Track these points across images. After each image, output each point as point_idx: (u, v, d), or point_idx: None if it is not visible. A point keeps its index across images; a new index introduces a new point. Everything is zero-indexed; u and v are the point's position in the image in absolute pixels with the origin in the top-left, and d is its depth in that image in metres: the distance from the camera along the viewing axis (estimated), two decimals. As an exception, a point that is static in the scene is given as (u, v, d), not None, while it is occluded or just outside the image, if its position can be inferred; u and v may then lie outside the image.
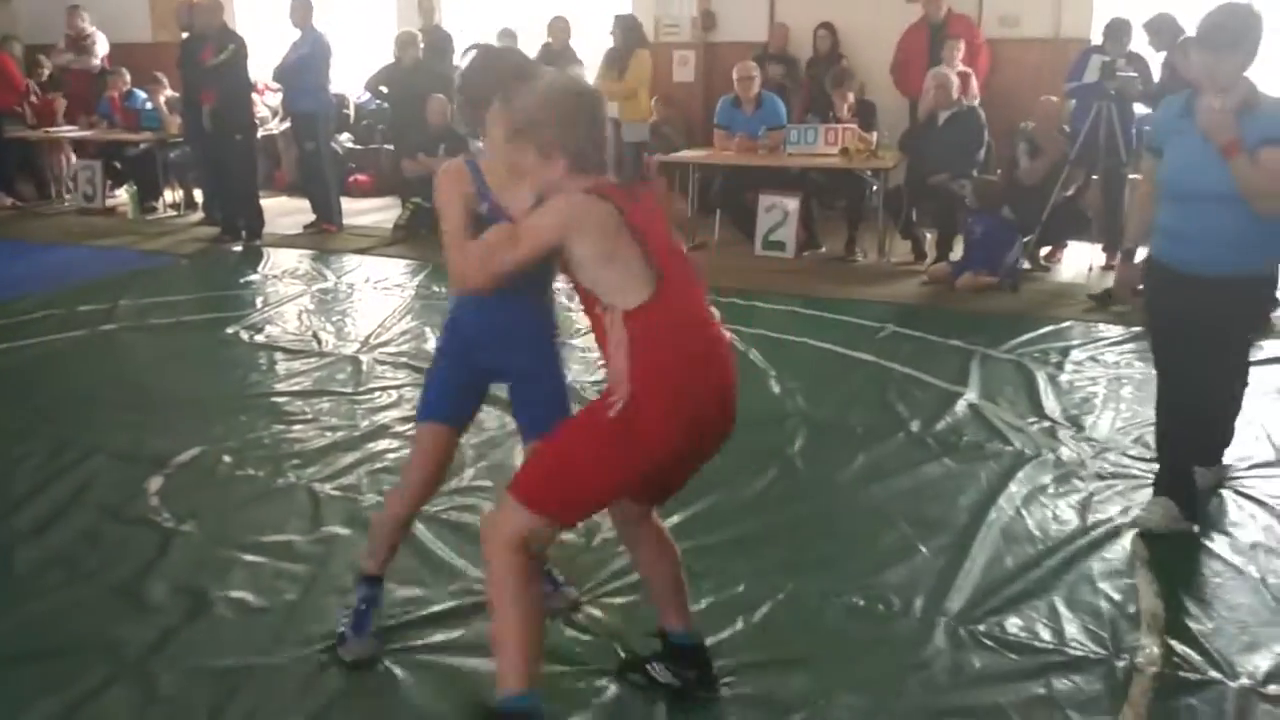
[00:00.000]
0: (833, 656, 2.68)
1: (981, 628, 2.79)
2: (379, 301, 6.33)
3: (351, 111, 10.97)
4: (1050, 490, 3.61)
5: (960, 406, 4.35)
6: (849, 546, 3.26)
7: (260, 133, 9.30)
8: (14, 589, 3.01)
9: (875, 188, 7.28)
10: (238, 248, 7.90)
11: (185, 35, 8.69)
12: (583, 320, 2.95)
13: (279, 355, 5.22)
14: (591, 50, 8.38)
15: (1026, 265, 6.62)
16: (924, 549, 3.21)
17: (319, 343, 5.41)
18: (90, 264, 7.39)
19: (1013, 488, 3.62)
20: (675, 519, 3.38)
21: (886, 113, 8.15)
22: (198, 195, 9.24)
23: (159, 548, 3.23)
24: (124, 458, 3.89)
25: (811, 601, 2.93)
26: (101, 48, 10.46)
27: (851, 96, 7.66)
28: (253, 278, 7.06)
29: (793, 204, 7.35)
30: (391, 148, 9.55)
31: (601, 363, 2.46)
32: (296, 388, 4.72)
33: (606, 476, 2.22)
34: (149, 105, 9.75)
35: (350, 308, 6.22)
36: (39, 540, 3.30)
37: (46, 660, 2.67)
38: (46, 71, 10.66)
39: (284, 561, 3.16)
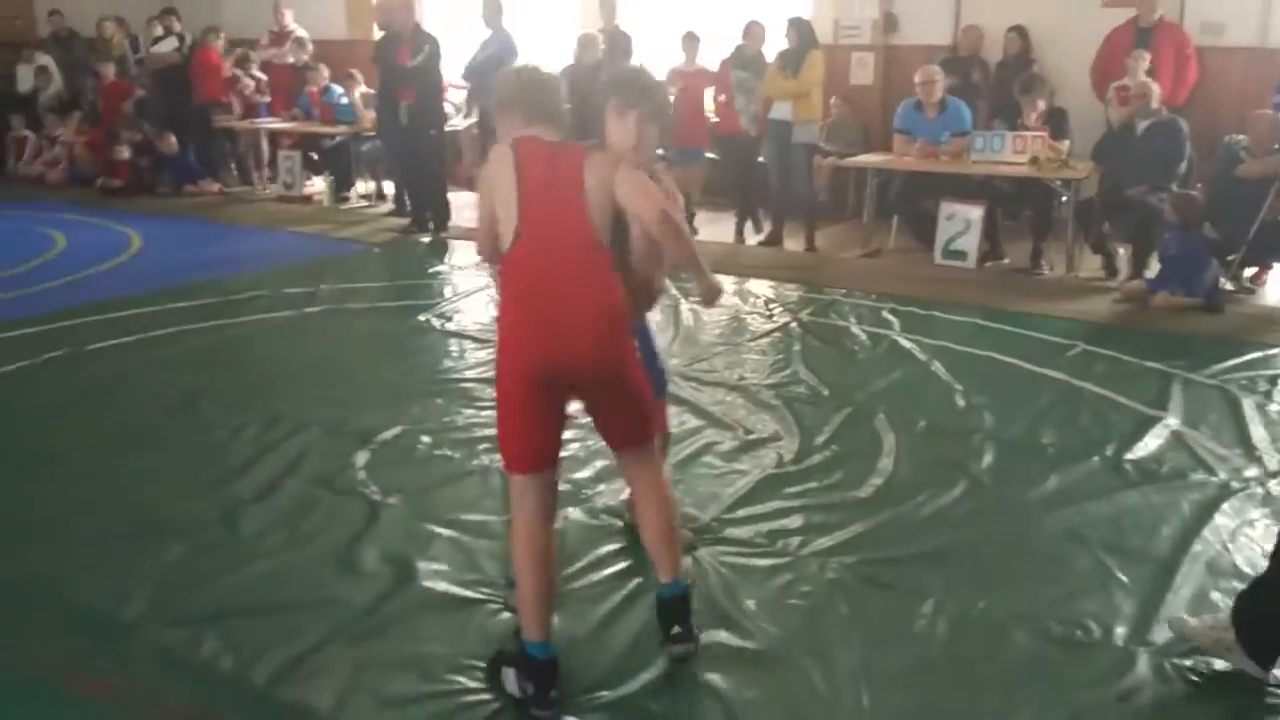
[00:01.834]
0: (1026, 680, 2.63)
1: (1188, 663, 2.68)
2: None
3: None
4: (1259, 525, 3.43)
5: (1160, 432, 4.17)
6: (1042, 569, 3.18)
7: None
8: (242, 549, 3.27)
9: (1065, 198, 7.02)
10: (425, 238, 8.27)
11: (381, 34, 9.14)
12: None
13: (467, 343, 5.45)
14: (769, 50, 8.35)
15: (1229, 286, 6.27)
16: (1123, 577, 3.11)
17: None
18: (292, 248, 7.88)
19: (1218, 520, 3.45)
20: (859, 528, 3.39)
21: (1079, 120, 7.84)
22: (388, 187, 9.72)
23: (368, 518, 3.45)
24: (332, 432, 4.15)
25: (1003, 622, 2.87)
26: (305, 47, 11.06)
27: (1042, 104, 7.40)
28: (440, 268, 7.39)
29: (976, 213, 7.17)
30: (571, 145, 9.78)
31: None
32: (486, 375, 4.91)
33: (502, 420, 2.58)
34: (344, 100, 10.29)
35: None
36: (261, 505, 3.56)
37: (273, 615, 2.89)
38: (254, 65, 11.39)
39: (481, 539, 3.32)
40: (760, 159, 8.04)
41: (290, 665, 2.65)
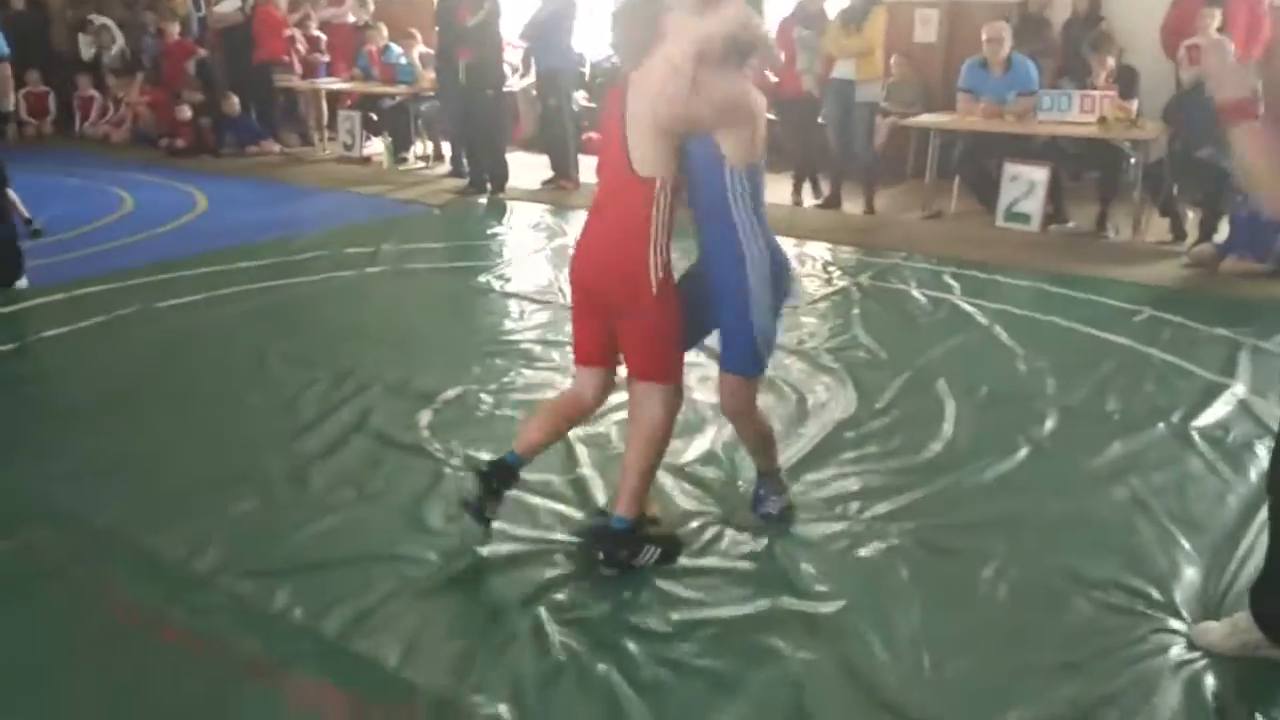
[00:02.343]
0: (1087, 647, 2.62)
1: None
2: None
3: (588, 70, 11.24)
4: (1331, 497, 3.36)
5: (1227, 400, 4.10)
6: (1105, 536, 3.15)
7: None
8: (311, 504, 3.35)
9: (1133, 160, 6.86)
10: (483, 200, 8.33)
11: (442, -7, 9.14)
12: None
13: (526, 304, 5.50)
14: (832, 8, 8.22)
15: (1303, 251, 6.10)
16: (1186, 545, 3.08)
17: (563, 295, 5.66)
18: (352, 209, 7.98)
19: (1287, 490, 3.39)
20: (919, 493, 3.39)
21: (1149, 79, 7.64)
22: (446, 148, 9.77)
23: (433, 476, 3.52)
24: (396, 392, 4.22)
25: (1064, 588, 2.87)
26: (354, 2, 11.09)
27: (1111, 62, 7.21)
28: (498, 229, 7.44)
29: (1040, 174, 7.03)
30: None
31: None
32: (545, 336, 4.96)
33: None
34: (404, 60, 10.34)
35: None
36: (329, 461, 3.64)
37: (343, 568, 2.97)
38: (314, 24, 11.46)
39: (545, 499, 3.37)
40: (820, 120, 7.95)
41: (360, 618, 2.73)
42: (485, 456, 3.55)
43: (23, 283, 5.69)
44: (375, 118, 10.42)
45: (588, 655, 2.59)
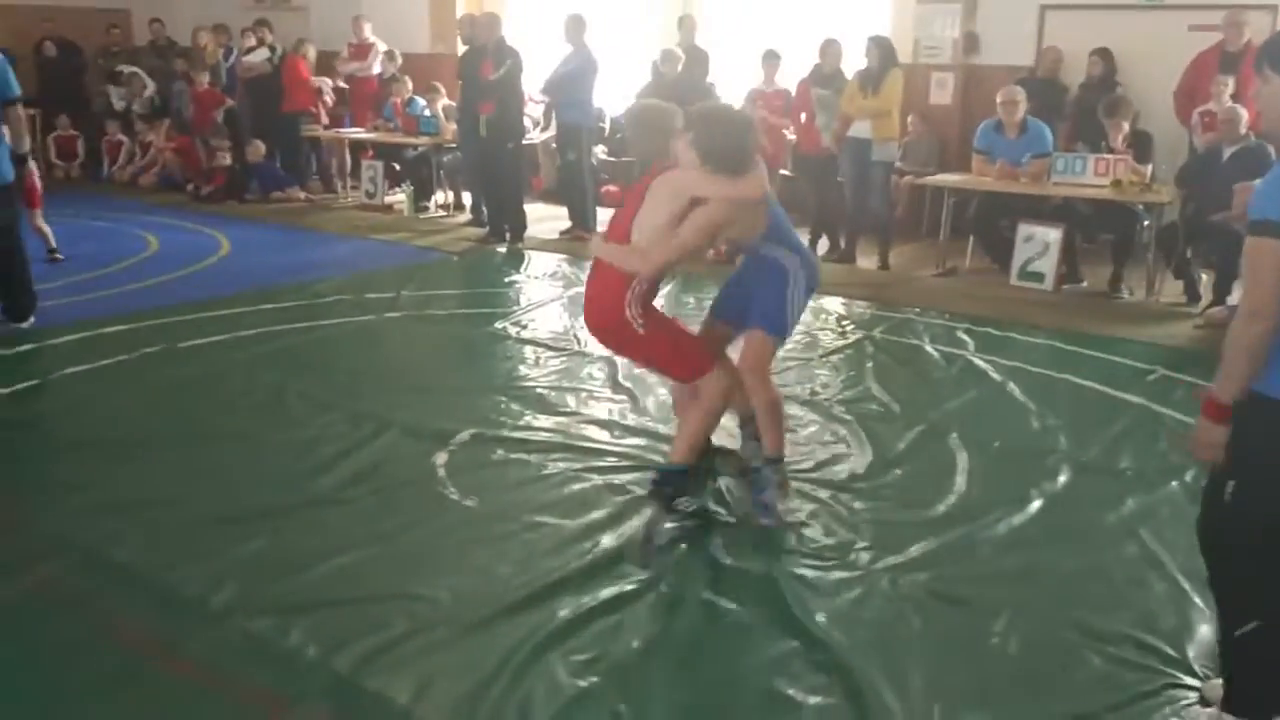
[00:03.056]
0: (1099, 703, 2.61)
1: (1268, 693, 2.64)
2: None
3: (607, 125, 11.44)
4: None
5: (1241, 460, 4.09)
6: (1118, 592, 3.15)
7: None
8: (326, 543, 3.38)
9: (1147, 223, 6.92)
10: (502, 249, 8.43)
11: (465, 48, 9.35)
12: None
13: (542, 351, 5.55)
14: (849, 66, 8.36)
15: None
16: (1199, 603, 3.07)
17: (578, 342, 5.71)
18: (374, 255, 8.09)
19: (1302, 551, 3.38)
20: (931, 545, 3.39)
21: (1162, 144, 7.72)
22: (466, 198, 9.92)
23: (447, 518, 3.54)
24: (413, 434, 4.26)
25: (1077, 643, 2.86)
26: (387, 60, 11.33)
27: (1126, 126, 7.30)
28: (516, 278, 7.52)
29: (1054, 234, 7.09)
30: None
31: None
32: (561, 382, 5.01)
33: None
34: (427, 112, 10.53)
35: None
36: (346, 501, 3.68)
37: (357, 607, 2.99)
38: (340, 78, 11.71)
39: (554, 541, 3.39)
40: (838, 177, 8.06)
41: (372, 656, 2.74)
42: (498, 498, 3.60)
43: (29, 321, 5.76)
44: (398, 167, 10.60)
45: (600, 694, 2.59)
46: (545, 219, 9.34)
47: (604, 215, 9.21)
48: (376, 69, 11.23)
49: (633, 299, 3.35)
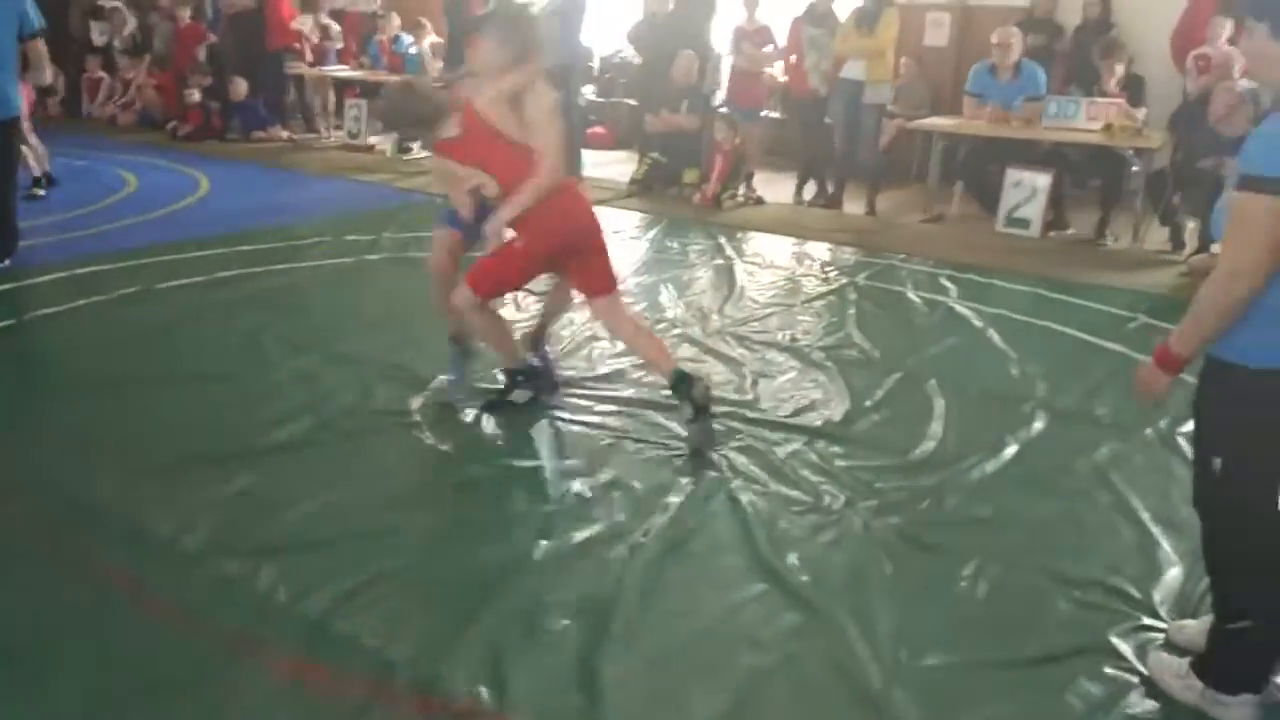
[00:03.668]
0: (1066, 647, 2.63)
1: (1231, 638, 2.66)
2: (615, 253, 6.52)
3: (596, 64, 11.26)
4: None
5: (1218, 407, 4.10)
6: (1088, 538, 3.17)
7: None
8: (299, 485, 3.36)
9: (1136, 169, 6.86)
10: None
11: (452, -17, 9.16)
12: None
13: (522, 294, 5.50)
14: (842, 8, 8.24)
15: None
16: (1169, 549, 3.09)
17: (560, 286, 5.67)
18: (355, 197, 8.01)
19: (1274, 498, 3.39)
20: (905, 490, 3.40)
21: (1157, 89, 7.64)
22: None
23: (421, 460, 3.54)
24: (389, 377, 4.24)
25: (1045, 588, 2.88)
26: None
27: (1120, 69, 7.21)
28: (499, 220, 7.43)
29: (1043, 180, 7.04)
30: (634, 102, 9.77)
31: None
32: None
33: None
34: (414, 49, 10.36)
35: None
36: (319, 443, 3.66)
37: (328, 549, 2.98)
38: (324, 12, 11.48)
39: (526, 487, 3.40)
40: (827, 119, 7.96)
41: (342, 599, 2.73)
42: (472, 442, 3.59)
43: (5, 262, 5.68)
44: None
45: (568, 636, 2.60)
46: (531, 161, 9.20)
47: (588, 157, 9.15)
48: (364, 4, 11.02)
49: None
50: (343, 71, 10.82)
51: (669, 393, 3.74)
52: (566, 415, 3.95)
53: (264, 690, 2.41)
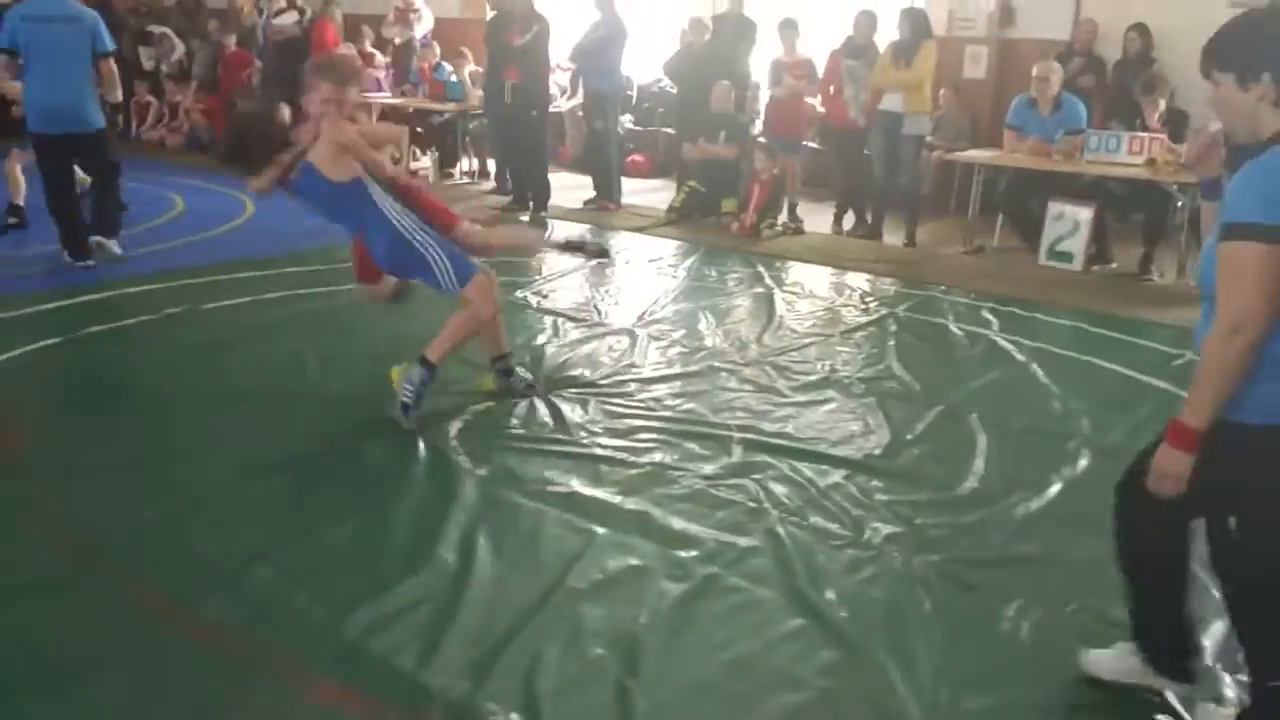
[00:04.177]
0: (1111, 689, 2.58)
1: (1284, 686, 2.60)
2: (653, 280, 6.57)
3: (634, 93, 11.34)
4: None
5: (1267, 448, 4.02)
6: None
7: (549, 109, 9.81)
8: (337, 505, 3.39)
9: (1180, 204, 6.79)
10: (525, 217, 8.40)
11: (493, 13, 9.29)
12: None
13: (562, 322, 5.53)
14: (881, 40, 8.24)
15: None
16: (1216, 594, 3.02)
17: (599, 314, 5.69)
18: (397, 221, 8.06)
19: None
20: (944, 527, 3.36)
21: (1199, 124, 7.56)
22: (490, 165, 9.88)
23: (457, 483, 3.55)
24: (429, 401, 4.26)
25: (1090, 630, 2.83)
26: (426, 23, 11.26)
27: (1163, 104, 7.16)
28: (538, 246, 7.49)
29: (1085, 214, 6.98)
30: (672, 131, 9.82)
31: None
32: (579, 354, 4.99)
33: None
34: (454, 78, 10.49)
35: (626, 284, 6.50)
36: (359, 463, 3.70)
37: (365, 570, 3.00)
38: (368, 41, 11.65)
39: (562, 510, 3.39)
40: (866, 151, 7.96)
41: (380, 620, 2.75)
42: (509, 467, 3.61)
43: (90, 262, 6.12)
44: (422, 132, 10.57)
45: (604, 666, 2.59)
46: (570, 188, 9.29)
47: (627, 185, 9.21)
48: (419, 33, 11.17)
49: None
50: (384, 98, 10.97)
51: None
52: (605, 442, 3.95)
53: (303, 713, 2.41)
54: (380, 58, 11.54)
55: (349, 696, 2.46)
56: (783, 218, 8.06)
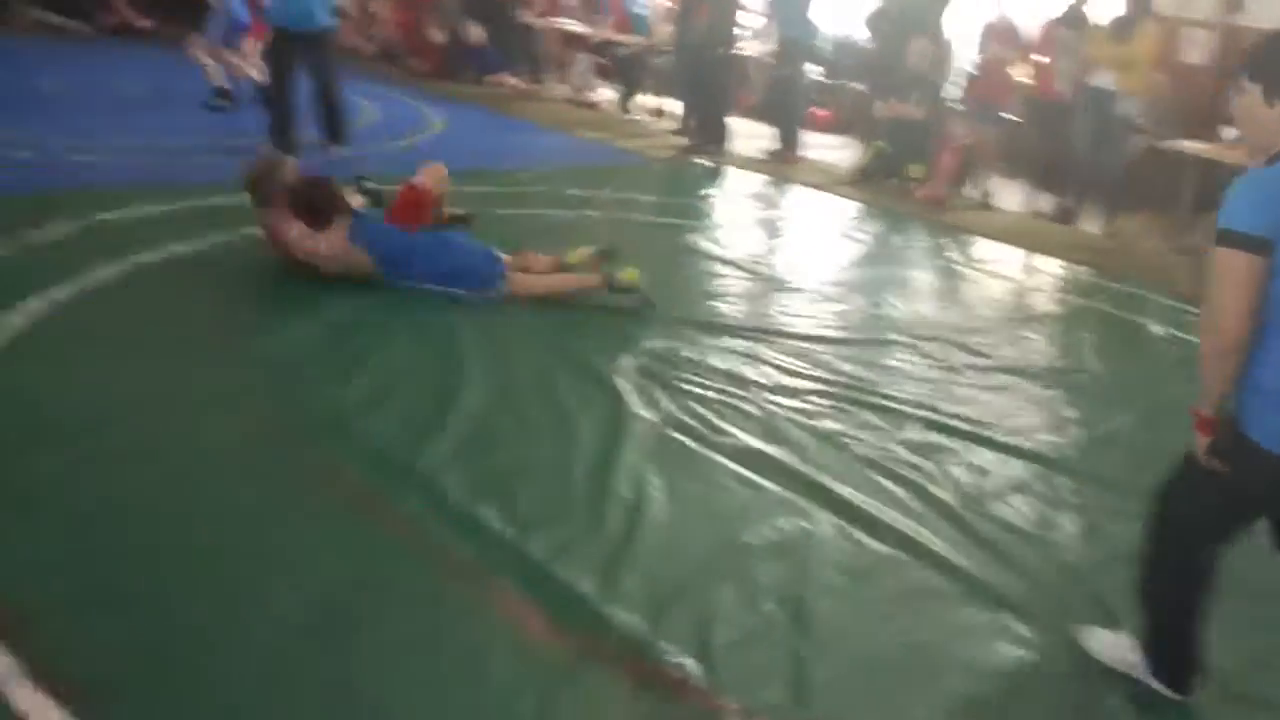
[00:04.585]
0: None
1: None
2: (831, 241, 6.41)
3: (825, 44, 11.01)
4: None
5: None
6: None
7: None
8: (522, 431, 3.43)
9: None
10: (702, 160, 8.31)
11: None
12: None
13: (737, 273, 5.44)
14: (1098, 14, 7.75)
15: None
16: None
17: (769, 266, 5.59)
18: (576, 151, 8.13)
19: None
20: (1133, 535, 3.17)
21: None
22: (673, 104, 9.79)
23: (630, 427, 3.51)
24: (602, 337, 4.27)
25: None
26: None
27: None
28: (713, 192, 7.41)
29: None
30: (862, 87, 9.52)
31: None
32: (747, 306, 4.91)
33: None
34: (644, 11, 10.41)
35: (804, 242, 6.36)
36: (539, 395, 3.72)
37: (547, 496, 3.03)
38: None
39: (738, 465, 3.34)
40: (1074, 128, 7.54)
41: (562, 546, 2.77)
42: (682, 415, 3.59)
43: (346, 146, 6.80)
44: (608, 64, 10.55)
45: (779, 629, 2.56)
46: (750, 136, 9.14)
47: (806, 139, 8.97)
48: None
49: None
50: (572, 25, 10.98)
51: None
52: (778, 400, 3.88)
53: (486, 622, 2.47)
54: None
55: (531, 613, 2.50)
56: (973, 190, 7.73)
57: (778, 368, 4.18)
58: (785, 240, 6.39)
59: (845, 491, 3.25)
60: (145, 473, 2.91)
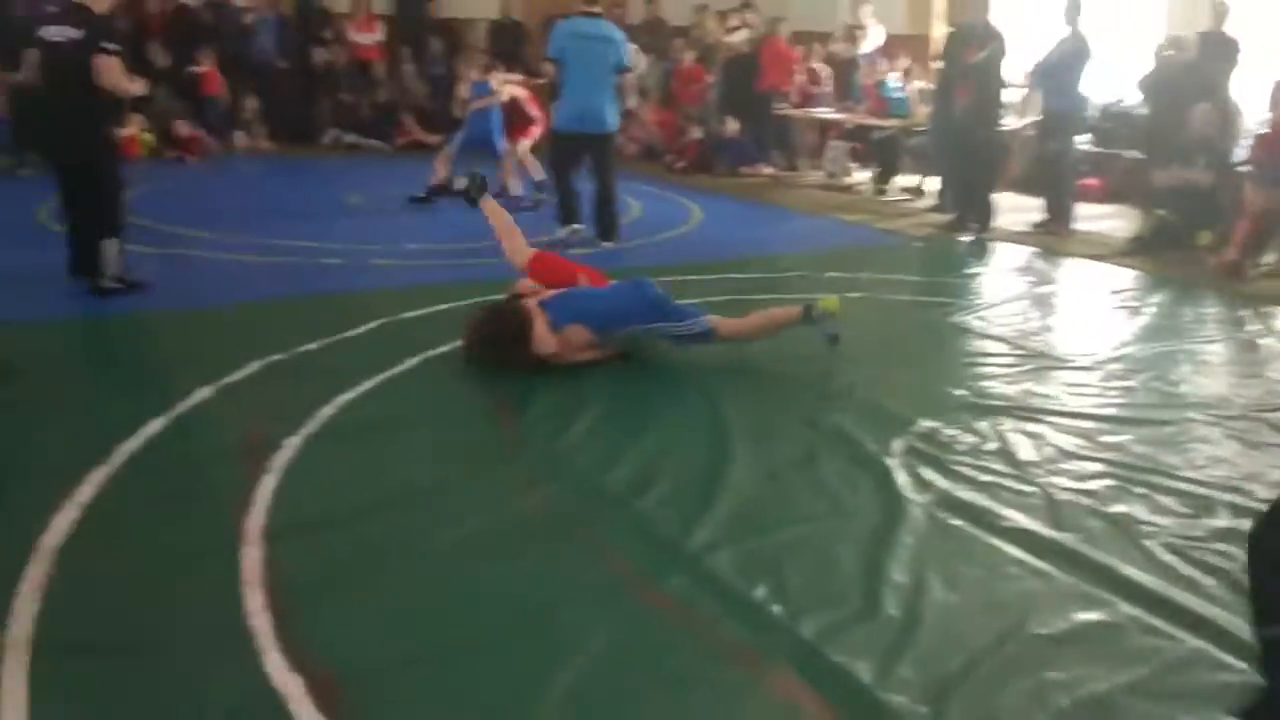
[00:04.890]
0: None
1: None
2: (1113, 314, 6.05)
3: (1095, 114, 10.54)
4: None
5: None
6: None
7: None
8: (789, 509, 3.44)
9: None
10: (967, 238, 8.10)
11: (950, 29, 9.06)
12: None
13: (1006, 349, 5.22)
14: None
15: None
16: None
17: (1046, 345, 5.33)
18: (834, 235, 8.16)
19: None
20: None
21: None
22: (931, 183, 9.65)
23: (900, 509, 3.43)
24: (871, 415, 4.21)
25: None
26: (875, 39, 11.27)
27: None
28: (978, 269, 7.19)
29: None
30: (1138, 154, 9.01)
31: None
32: (1023, 386, 4.68)
33: None
34: (899, 94, 10.38)
35: (1082, 316, 6.04)
36: (802, 473, 3.72)
37: (813, 574, 3.00)
38: (816, 57, 11.86)
39: (1021, 550, 3.18)
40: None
41: (836, 627, 2.73)
42: (954, 500, 3.47)
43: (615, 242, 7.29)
44: (861, 148, 10.58)
45: (1075, 728, 2.39)
46: (1014, 209, 8.83)
47: (1082, 210, 8.55)
48: (867, 48, 11.24)
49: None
50: (830, 113, 11.11)
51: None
52: (1061, 483, 3.66)
53: (760, 704, 2.46)
54: (825, 71, 11.71)
55: (806, 696, 2.47)
56: (1273, 257, 7.07)
57: (1058, 449, 3.96)
58: (1060, 315, 6.08)
59: (1145, 579, 3.01)
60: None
